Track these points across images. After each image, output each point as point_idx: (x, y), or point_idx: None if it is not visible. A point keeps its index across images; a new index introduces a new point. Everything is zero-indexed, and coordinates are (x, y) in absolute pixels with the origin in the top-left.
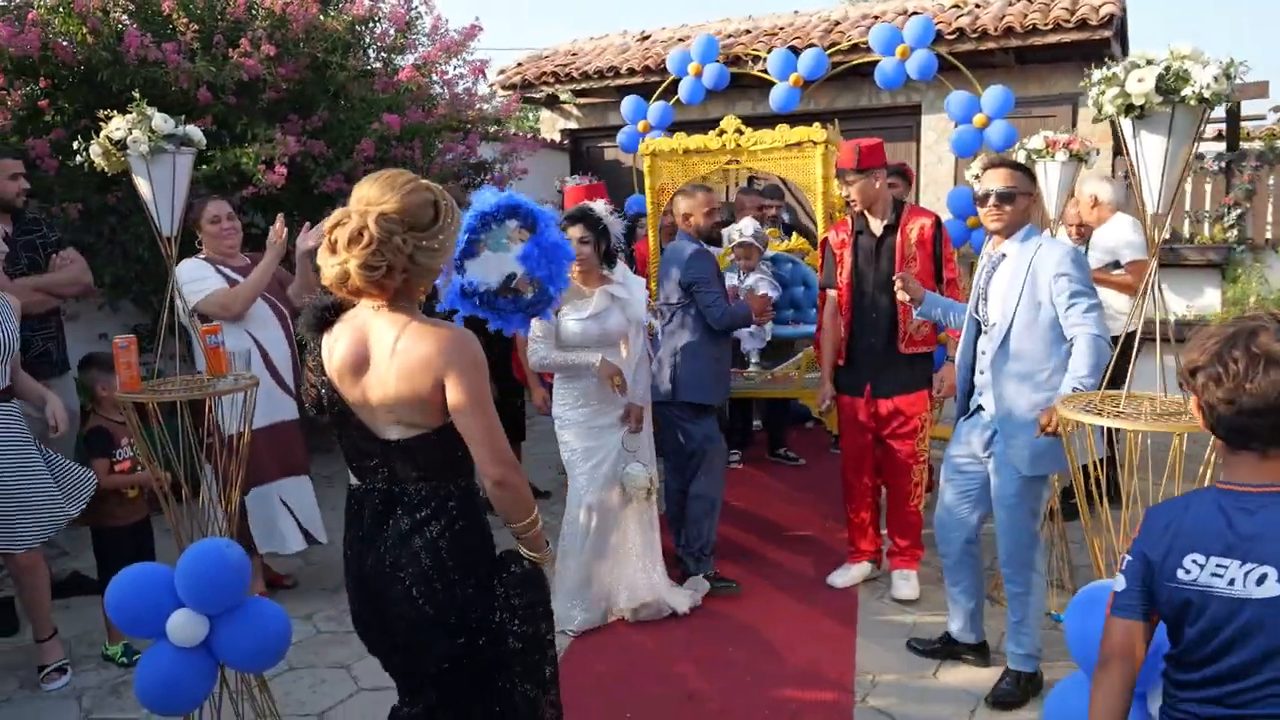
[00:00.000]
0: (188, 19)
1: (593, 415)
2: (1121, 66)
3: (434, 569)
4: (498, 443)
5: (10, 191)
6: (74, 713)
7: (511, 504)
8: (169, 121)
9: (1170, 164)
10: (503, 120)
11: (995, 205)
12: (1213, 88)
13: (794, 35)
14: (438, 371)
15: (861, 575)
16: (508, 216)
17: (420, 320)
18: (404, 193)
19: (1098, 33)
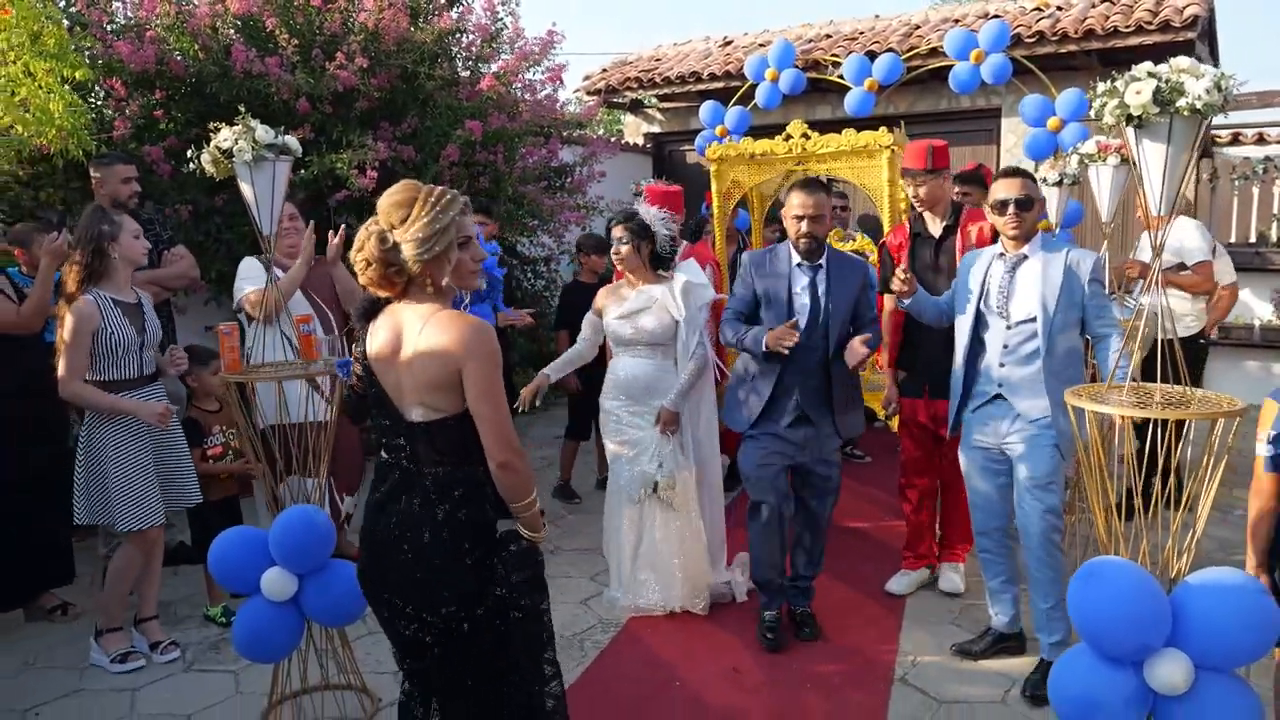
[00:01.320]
0: (288, 34)
1: (623, 408)
2: (1122, 80)
3: (433, 545)
4: (504, 429)
5: (123, 194)
6: (178, 664)
7: (512, 486)
8: (270, 132)
9: (1170, 169)
10: (585, 124)
11: (1015, 213)
12: (1204, 99)
13: (873, 40)
14: (457, 360)
15: (920, 581)
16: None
17: (445, 311)
18: (387, 194)
19: (1181, 34)
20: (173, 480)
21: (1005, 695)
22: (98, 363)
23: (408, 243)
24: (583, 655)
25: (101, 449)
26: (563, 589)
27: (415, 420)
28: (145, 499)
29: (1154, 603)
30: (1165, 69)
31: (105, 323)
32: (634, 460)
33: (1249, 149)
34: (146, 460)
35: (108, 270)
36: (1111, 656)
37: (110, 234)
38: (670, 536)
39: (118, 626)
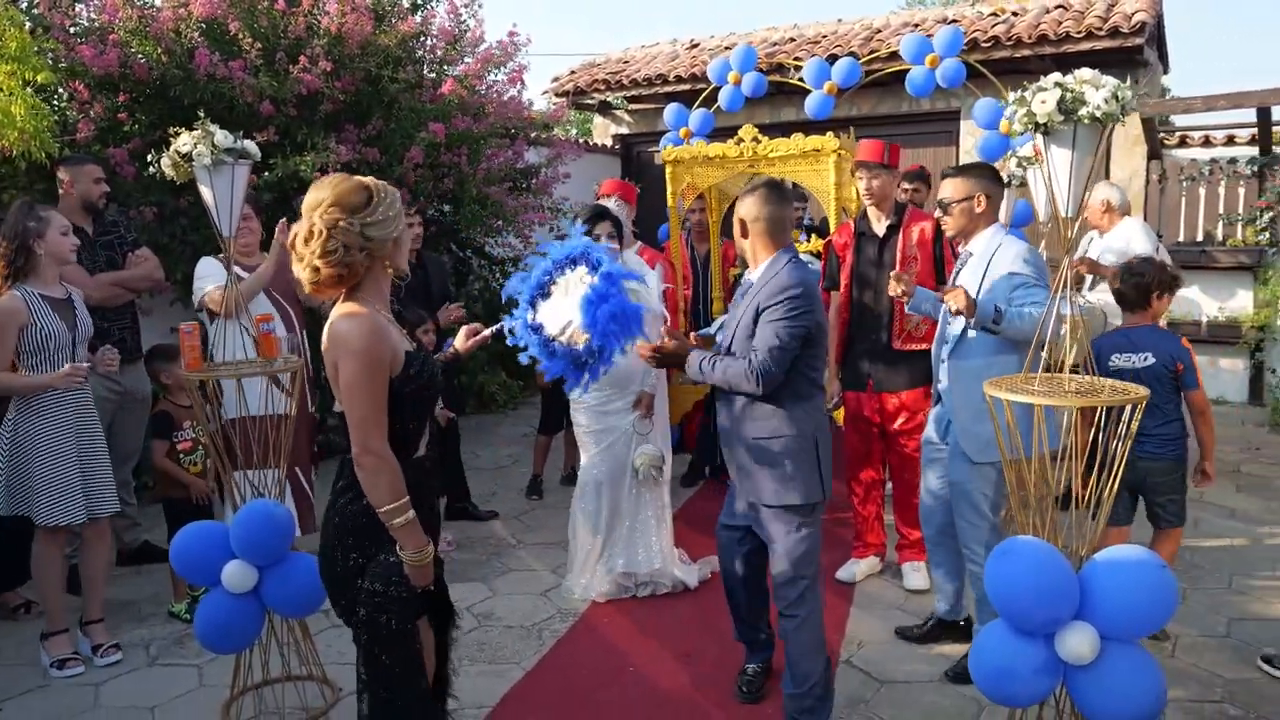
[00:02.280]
0: (252, 38)
1: (604, 400)
2: (1031, 90)
3: (334, 531)
4: (363, 424)
5: (94, 194)
6: (142, 659)
7: (367, 485)
8: (229, 137)
9: (1076, 173)
10: (551, 126)
11: (943, 211)
12: (1103, 109)
13: (835, 44)
14: (332, 355)
15: (869, 570)
16: (577, 262)
17: (348, 308)
18: (334, 186)
19: (1130, 40)
20: (92, 482)
21: (944, 673)
22: (30, 359)
23: (379, 223)
24: (540, 643)
25: (27, 440)
26: (524, 581)
27: (339, 410)
28: (68, 495)
29: (1062, 578)
30: (1070, 80)
31: (34, 318)
32: (612, 447)
33: (1196, 151)
34: (71, 454)
35: (34, 267)
36: (1023, 629)
37: (36, 230)
38: (653, 513)
39: (60, 629)
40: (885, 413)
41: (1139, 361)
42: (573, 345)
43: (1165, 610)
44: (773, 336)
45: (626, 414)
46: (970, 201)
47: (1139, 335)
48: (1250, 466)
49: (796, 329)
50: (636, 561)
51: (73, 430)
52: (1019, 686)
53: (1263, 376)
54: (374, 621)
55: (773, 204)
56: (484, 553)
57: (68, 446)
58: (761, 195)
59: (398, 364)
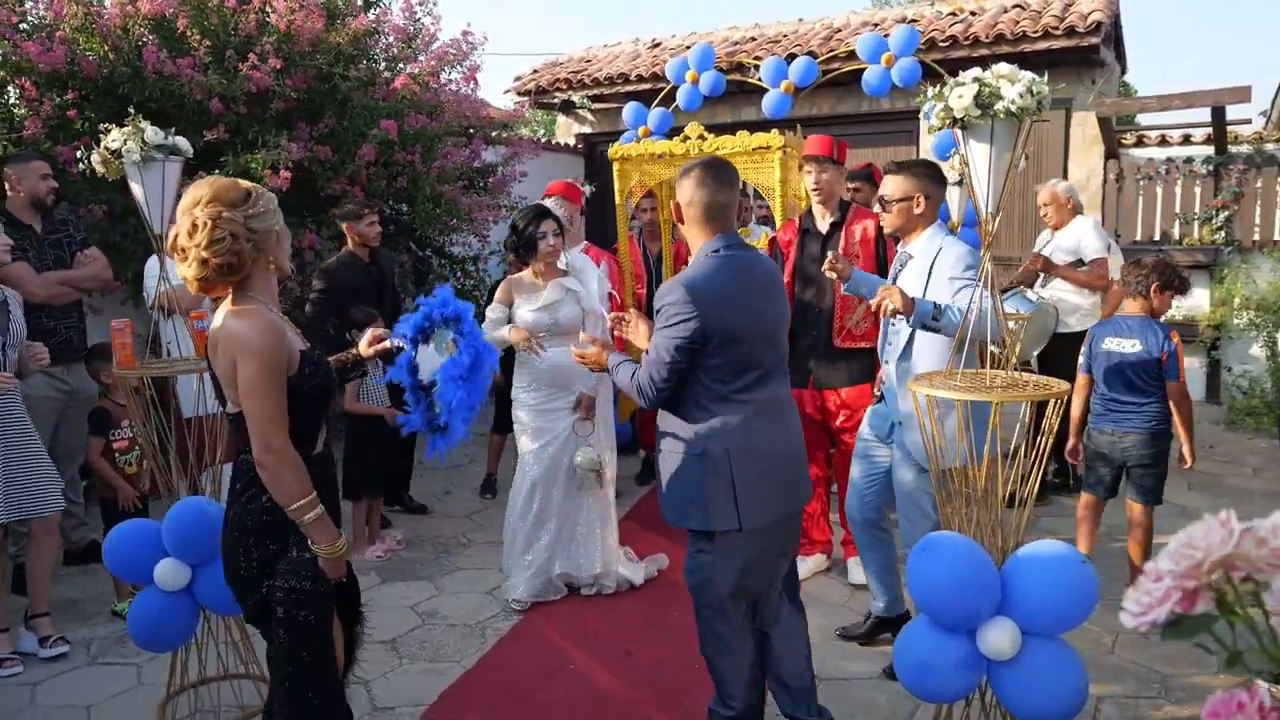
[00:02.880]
0: (201, 35)
1: (544, 399)
2: (949, 85)
3: (236, 531)
4: (264, 425)
5: (41, 190)
6: (83, 658)
7: (271, 485)
8: (159, 133)
9: (995, 168)
10: (510, 125)
11: (882, 208)
12: (1018, 103)
13: (795, 43)
14: (231, 356)
15: (816, 567)
16: (449, 325)
17: (240, 306)
18: (211, 184)
19: (1085, 39)
20: (17, 484)
21: (883, 670)
22: None
23: (261, 215)
24: (482, 641)
25: None
26: (471, 580)
27: (230, 412)
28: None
29: (983, 573)
30: (988, 75)
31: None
32: (549, 446)
33: (1152, 150)
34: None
35: None
36: (944, 624)
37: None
38: (597, 515)
39: (2, 629)
40: (827, 410)
41: (1128, 348)
42: (430, 404)
43: (1086, 606)
44: (653, 348)
45: (567, 415)
46: (910, 201)
47: (1132, 324)
48: (1203, 465)
49: (674, 339)
50: (577, 566)
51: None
52: (941, 681)
53: (1219, 374)
54: (292, 618)
55: (708, 186)
56: (432, 551)
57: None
58: (696, 177)
59: (294, 362)
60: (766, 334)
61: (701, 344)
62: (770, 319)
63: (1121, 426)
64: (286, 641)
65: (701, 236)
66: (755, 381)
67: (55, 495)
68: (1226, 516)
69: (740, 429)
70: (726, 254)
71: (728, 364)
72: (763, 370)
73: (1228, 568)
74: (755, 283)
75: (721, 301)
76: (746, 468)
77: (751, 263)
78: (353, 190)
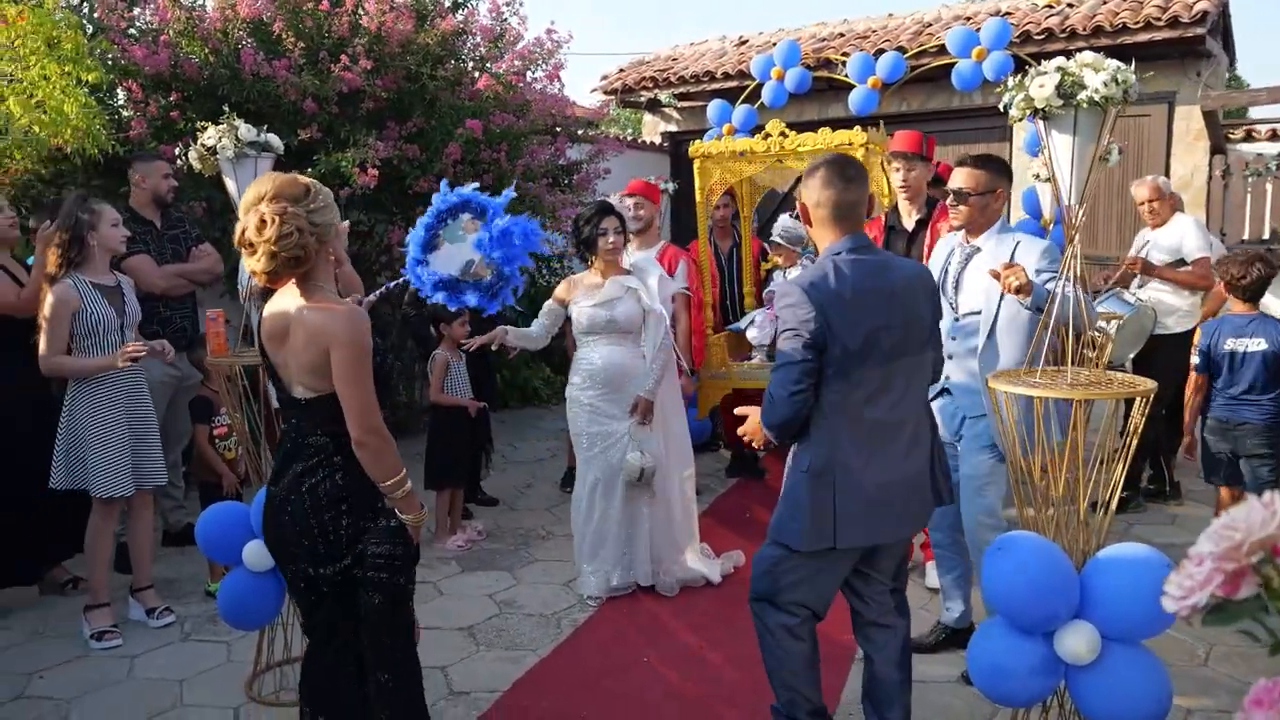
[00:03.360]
0: (296, 38)
1: (599, 397)
2: (1031, 74)
3: (312, 509)
4: (364, 409)
5: (162, 189)
6: (177, 635)
7: (371, 463)
8: (252, 130)
9: (1079, 159)
10: (595, 123)
11: (952, 204)
12: (1102, 91)
13: (884, 38)
14: (325, 344)
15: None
16: (460, 211)
17: (323, 297)
18: (273, 181)
19: (1190, 30)
20: (141, 456)
21: (961, 674)
22: (81, 342)
23: (321, 209)
24: (558, 632)
25: (82, 416)
26: (549, 572)
27: (299, 398)
28: (119, 468)
29: (1060, 575)
30: (1072, 64)
31: (85, 305)
32: (607, 450)
33: (1262, 145)
34: (123, 431)
35: (87, 257)
36: (1020, 627)
37: (89, 223)
38: (646, 520)
39: (102, 603)
40: None
41: (1253, 346)
42: (479, 279)
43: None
44: (779, 353)
45: (624, 418)
46: (990, 195)
47: (1251, 322)
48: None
49: (800, 338)
50: (637, 569)
51: (124, 408)
52: (1016, 685)
53: None
54: (388, 582)
55: (836, 185)
56: (512, 543)
57: (119, 423)
58: (823, 176)
59: (370, 351)
60: (890, 347)
61: (824, 345)
62: (898, 331)
63: (1241, 416)
64: (382, 603)
65: (830, 237)
66: (875, 395)
67: (163, 469)
68: (1270, 499)
69: (853, 445)
70: (850, 257)
71: (842, 374)
72: (884, 386)
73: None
74: (882, 290)
75: (838, 305)
76: (851, 486)
77: (882, 268)
78: (440, 188)
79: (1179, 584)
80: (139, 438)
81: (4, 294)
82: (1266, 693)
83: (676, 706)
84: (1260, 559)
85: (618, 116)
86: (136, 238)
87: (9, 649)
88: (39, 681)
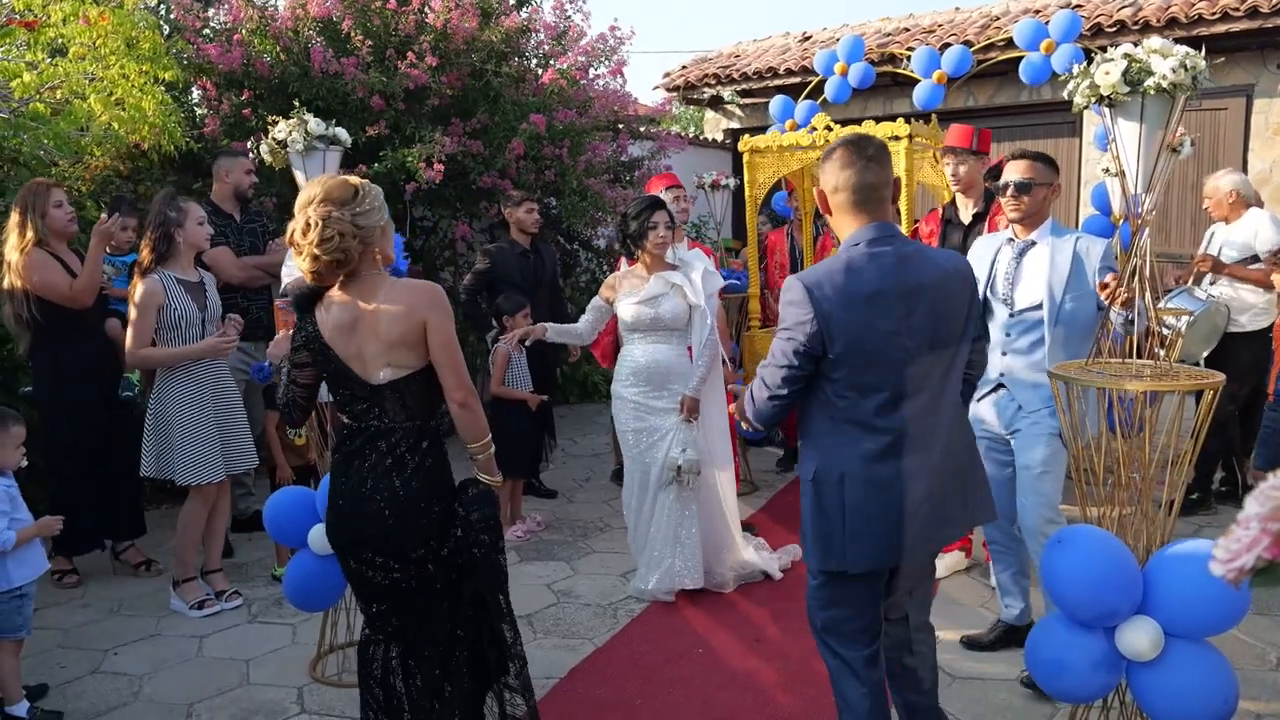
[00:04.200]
0: (364, 36)
1: (644, 395)
2: (1097, 60)
3: (404, 495)
4: (463, 373)
5: (244, 184)
6: (244, 616)
7: (469, 425)
8: (320, 124)
9: (1145, 147)
10: (657, 120)
11: (1013, 196)
12: (1170, 78)
13: (951, 32)
14: (421, 315)
15: (955, 565)
16: None
17: (401, 279)
18: (323, 184)
19: (1270, 20)
20: (230, 443)
21: (1021, 674)
22: (165, 334)
23: (367, 212)
24: (615, 622)
25: (169, 406)
26: (606, 563)
27: (383, 381)
28: (207, 455)
29: (1122, 569)
30: (1139, 50)
31: (170, 300)
32: (652, 447)
33: None
34: (209, 420)
35: (173, 253)
36: (1080, 621)
37: (177, 220)
38: (694, 519)
39: (192, 576)
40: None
41: None
42: None
43: (1237, 609)
44: (770, 351)
45: (669, 414)
46: (1049, 188)
47: None
48: None
49: (791, 342)
50: (686, 567)
51: (210, 397)
52: (1075, 680)
53: None
54: (486, 540)
55: (855, 165)
56: (570, 534)
57: (206, 412)
58: (840, 157)
59: None
60: (910, 348)
61: (821, 352)
62: (921, 331)
63: None
64: (495, 558)
65: (852, 224)
66: (891, 403)
67: (253, 453)
68: None
69: (864, 456)
70: (869, 249)
71: (852, 379)
72: (902, 392)
73: None
74: (900, 289)
75: (849, 304)
76: (862, 500)
77: (903, 261)
78: (502, 183)
79: (1226, 547)
80: (227, 425)
81: (58, 284)
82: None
83: (731, 694)
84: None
85: (680, 114)
86: (217, 230)
87: (87, 625)
88: (113, 658)
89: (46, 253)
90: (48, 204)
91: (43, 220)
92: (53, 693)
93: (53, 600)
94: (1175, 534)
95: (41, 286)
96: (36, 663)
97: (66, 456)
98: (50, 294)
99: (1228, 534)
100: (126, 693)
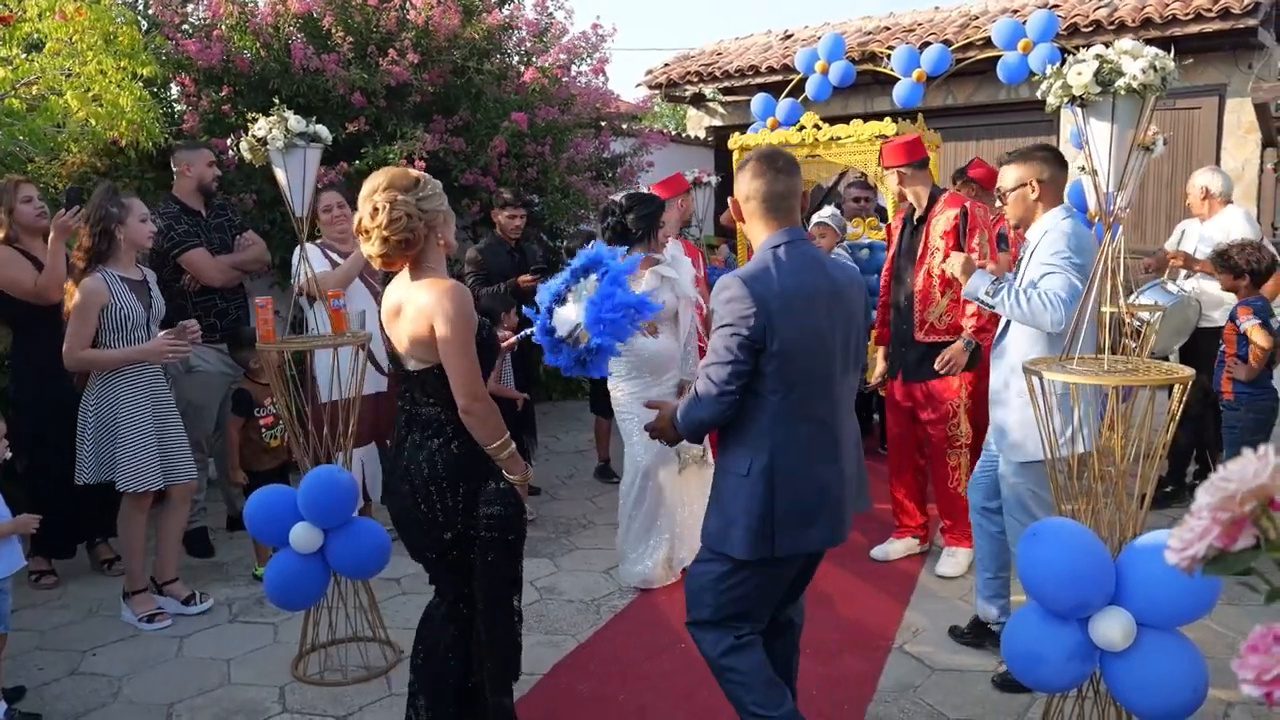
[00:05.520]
0: (345, 32)
1: (643, 387)
2: (1069, 61)
3: (429, 477)
4: (469, 378)
5: (207, 177)
6: (224, 616)
7: (477, 427)
8: (301, 122)
9: (1117, 146)
10: (638, 117)
11: (1002, 200)
12: (1140, 78)
13: (930, 31)
14: (430, 315)
15: (905, 550)
16: (592, 270)
17: (431, 276)
18: (388, 174)
19: (1242, 21)
20: (168, 450)
21: (999, 665)
22: (108, 337)
23: (429, 197)
24: (597, 618)
25: (110, 409)
26: (589, 559)
27: (412, 370)
28: (146, 462)
29: (1095, 562)
30: (1110, 51)
31: (114, 299)
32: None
33: None
34: (148, 425)
35: (114, 251)
36: (1054, 612)
37: (118, 217)
38: (688, 509)
39: (142, 588)
40: (915, 400)
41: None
42: (577, 345)
43: (1207, 598)
44: (710, 349)
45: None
46: (1024, 189)
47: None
48: None
49: (735, 335)
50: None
51: (149, 403)
52: (1050, 671)
53: None
54: (500, 540)
55: (766, 175)
56: (554, 531)
57: (145, 418)
58: (752, 168)
59: (474, 323)
60: (833, 346)
61: (762, 345)
62: (840, 330)
63: None
64: (495, 560)
65: (764, 231)
66: (812, 397)
67: (193, 465)
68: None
69: (790, 447)
70: (790, 249)
71: (782, 372)
72: (827, 386)
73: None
74: (820, 286)
75: (782, 299)
76: (791, 490)
77: (822, 264)
78: (485, 181)
79: (1180, 536)
80: (165, 432)
81: (22, 280)
82: (1262, 639)
83: (710, 691)
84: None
85: (661, 111)
86: (188, 229)
87: (65, 626)
88: (92, 659)
89: (15, 249)
90: (15, 199)
91: (10, 216)
92: (31, 695)
93: (30, 602)
94: (1149, 526)
95: (6, 283)
96: (14, 665)
97: (49, 455)
98: (15, 290)
99: (1181, 524)
100: (106, 694)
